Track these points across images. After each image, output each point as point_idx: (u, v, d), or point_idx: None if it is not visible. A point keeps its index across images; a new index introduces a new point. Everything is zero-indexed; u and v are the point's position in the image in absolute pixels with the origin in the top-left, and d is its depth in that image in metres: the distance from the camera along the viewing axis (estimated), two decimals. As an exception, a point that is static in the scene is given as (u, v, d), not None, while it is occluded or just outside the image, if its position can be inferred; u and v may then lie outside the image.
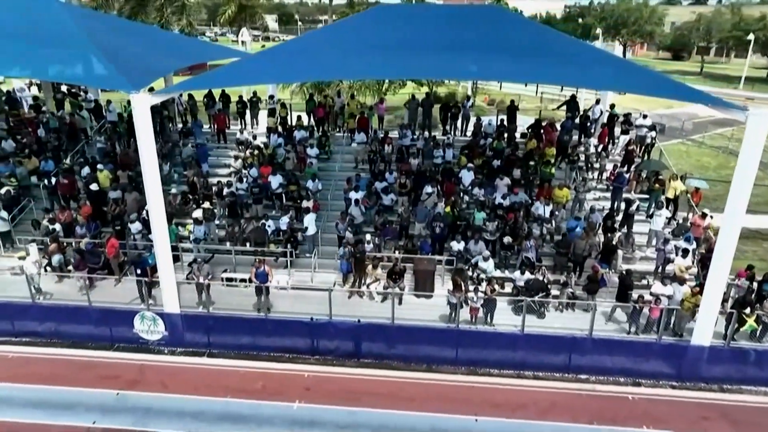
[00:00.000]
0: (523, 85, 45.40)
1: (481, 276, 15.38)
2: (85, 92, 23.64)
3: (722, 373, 13.35)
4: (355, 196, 17.40)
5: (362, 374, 13.61)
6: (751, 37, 62.12)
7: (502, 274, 16.00)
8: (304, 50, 15.79)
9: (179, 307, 14.43)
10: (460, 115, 22.15)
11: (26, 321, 14.75)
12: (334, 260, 16.43)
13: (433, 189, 17.80)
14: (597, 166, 20.00)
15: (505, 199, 17.45)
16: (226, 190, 18.22)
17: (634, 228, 17.48)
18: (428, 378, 13.52)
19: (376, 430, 11.81)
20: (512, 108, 21.74)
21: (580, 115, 21.00)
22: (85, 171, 19.05)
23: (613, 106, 20.98)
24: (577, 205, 18.20)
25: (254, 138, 21.20)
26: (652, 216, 17.08)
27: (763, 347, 13.64)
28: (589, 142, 20.50)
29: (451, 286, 14.54)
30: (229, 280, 16.21)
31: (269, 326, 14.35)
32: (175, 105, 22.84)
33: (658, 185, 18.04)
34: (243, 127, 22.56)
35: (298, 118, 22.25)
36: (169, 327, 14.38)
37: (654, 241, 16.73)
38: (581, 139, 20.71)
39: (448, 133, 21.75)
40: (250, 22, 43.96)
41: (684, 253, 15.14)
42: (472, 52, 14.31)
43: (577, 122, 20.93)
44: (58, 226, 16.85)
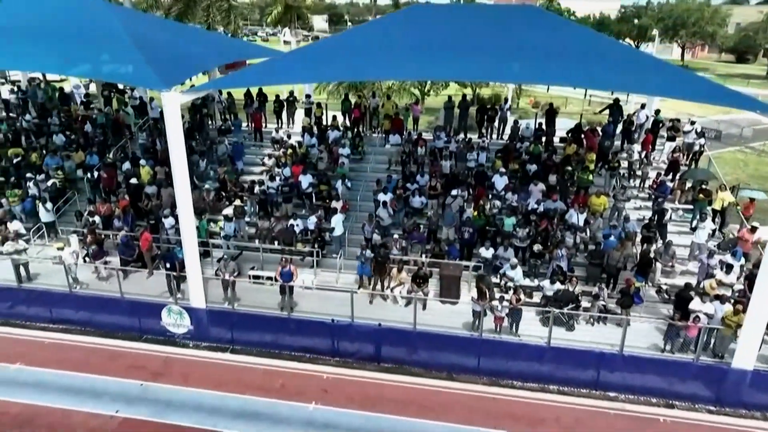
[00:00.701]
0: (572, 88, 44.10)
1: (509, 284, 14.91)
2: (131, 90, 24.49)
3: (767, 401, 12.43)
4: (383, 198, 17.25)
5: (381, 379, 13.44)
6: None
7: (531, 282, 15.49)
8: (338, 50, 15.78)
9: (205, 303, 14.68)
10: (497, 118, 21.63)
11: (63, 309, 15.37)
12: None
13: (460, 192, 17.42)
14: (639, 174, 19.09)
15: (538, 206, 16.88)
16: (258, 188, 18.45)
17: (678, 240, 16.57)
18: (448, 386, 13.21)
19: (390, 437, 11.64)
20: (551, 111, 21.07)
21: (624, 120, 20.12)
22: (126, 166, 19.72)
23: (658, 111, 19.98)
24: (615, 214, 17.41)
25: (289, 137, 21.40)
26: (696, 228, 16.11)
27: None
28: (632, 148, 19.61)
29: (475, 293, 14.16)
30: (255, 277, 16.38)
31: (292, 325, 14.39)
32: (214, 103, 23.34)
33: (703, 196, 17.02)
34: (279, 126, 22.83)
35: (334, 118, 22.31)
36: (194, 321, 14.63)
37: (696, 255, 15.78)
38: (623, 145, 19.83)
39: (484, 136, 21.28)
40: (298, 22, 44.52)
41: (728, 268, 14.20)
42: (513, 53, 13.93)
43: (620, 127, 20.08)
44: (97, 219, 17.48)
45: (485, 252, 15.84)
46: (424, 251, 16.45)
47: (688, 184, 18.14)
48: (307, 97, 23.31)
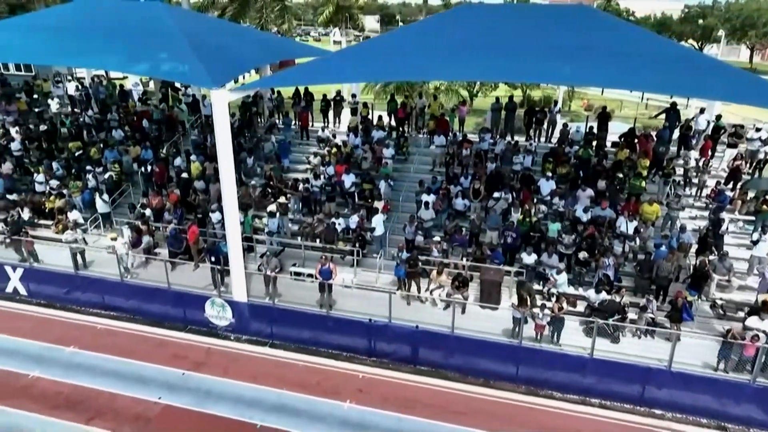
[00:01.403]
0: (628, 91, 42.46)
1: (551, 291, 14.51)
2: (185, 88, 25.34)
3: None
4: (425, 199, 17.13)
5: (416, 381, 13.37)
6: None
7: (575, 291, 15.00)
8: (385, 50, 15.78)
9: (247, 297, 15.01)
10: (546, 121, 21.09)
11: (115, 297, 16.10)
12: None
13: (504, 195, 17.07)
14: (696, 182, 18.17)
15: (586, 212, 16.34)
16: (302, 186, 18.71)
17: (736, 253, 15.68)
18: (484, 393, 13.00)
19: (423, 441, 11.56)
20: (604, 115, 20.35)
21: (681, 125, 19.20)
22: (178, 161, 20.41)
23: (719, 117, 18.96)
24: (668, 223, 16.63)
25: (334, 136, 21.58)
26: (758, 242, 15.17)
27: None
28: (688, 154, 18.70)
29: (516, 300, 13.84)
30: (297, 274, 16.59)
31: (330, 323, 14.50)
32: (263, 101, 23.83)
33: (767, 207, 16.01)
34: (325, 125, 23.08)
35: (379, 118, 22.35)
36: (236, 314, 15.00)
37: (756, 269, 14.87)
38: (680, 152, 18.93)
39: (531, 139, 20.81)
40: (349, 23, 44.85)
41: (791, 285, 13.32)
42: (565, 54, 13.52)
43: (677, 133, 19.18)
44: (149, 211, 18.18)
45: (527, 257, 15.45)
46: (465, 254, 16.22)
47: (751, 194, 17.12)
48: (353, 96, 23.45)
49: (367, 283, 16.14)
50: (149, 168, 20.15)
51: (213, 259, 15.63)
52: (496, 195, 17.12)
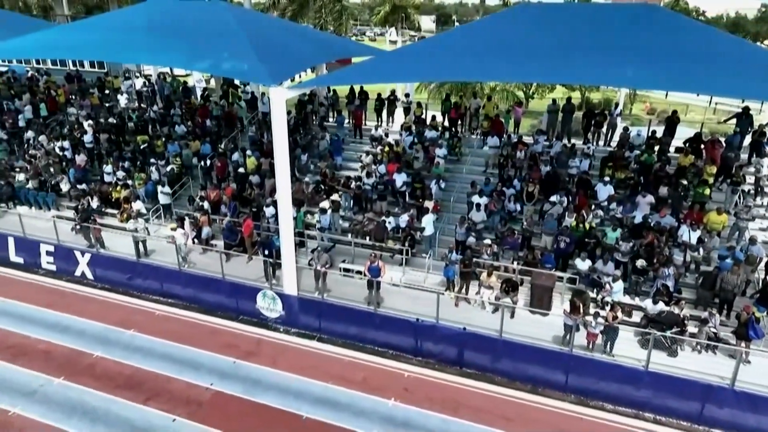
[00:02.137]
0: (694, 94, 40.44)
1: (606, 299, 14.04)
2: (244, 85, 26.12)
3: None
4: (477, 200, 16.95)
5: (462, 383, 13.26)
6: None
7: (631, 300, 14.46)
8: (440, 50, 15.69)
9: (297, 290, 15.31)
10: (606, 124, 20.42)
11: (173, 285, 16.76)
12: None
13: (560, 199, 16.64)
14: (768, 191, 17.16)
15: (645, 220, 15.70)
16: (354, 184, 18.90)
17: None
18: (532, 400, 12.74)
19: (467, 444, 11.46)
20: (672, 120, 19.47)
21: (754, 131, 18.14)
22: (235, 156, 21.06)
23: (796, 122, 17.82)
24: (736, 233, 15.75)
25: (387, 135, 21.68)
26: (836, 257, 14.17)
27: None
28: (761, 162, 17.65)
29: (568, 306, 13.48)
30: (346, 270, 16.79)
31: (377, 321, 14.56)
32: (318, 99, 24.23)
33: None
34: (378, 124, 23.22)
35: (433, 118, 22.28)
36: (286, 307, 15.32)
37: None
38: (751, 159, 17.89)
39: (589, 142, 20.19)
40: (405, 22, 44.99)
41: None
42: (628, 56, 13.03)
43: (748, 139, 18.14)
44: (207, 204, 18.85)
45: (581, 264, 15.03)
46: (516, 258, 15.94)
47: (829, 206, 16.01)
48: (407, 96, 23.48)
49: (415, 283, 16.15)
50: (208, 162, 20.89)
51: (266, 253, 16.04)
52: (553, 199, 16.72)
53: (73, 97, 27.36)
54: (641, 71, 12.79)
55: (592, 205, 16.82)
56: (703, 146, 18.18)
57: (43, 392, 12.76)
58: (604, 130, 20.68)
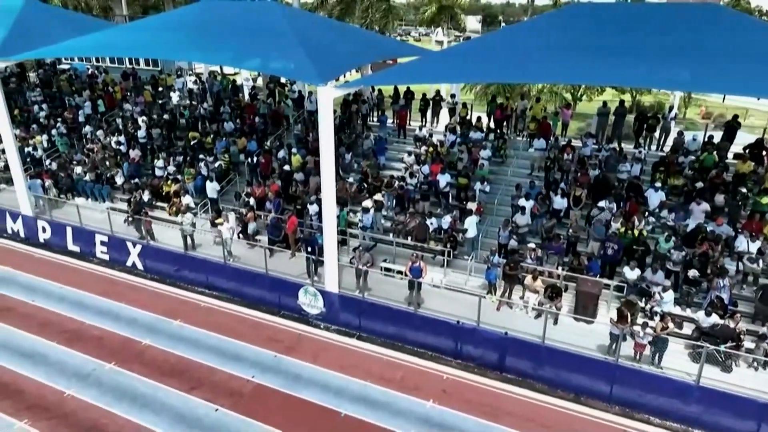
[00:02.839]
0: (755, 98, 38.52)
1: (655, 309, 13.55)
2: (291, 84, 26.54)
3: None
4: (522, 204, 16.67)
5: (502, 389, 13.06)
6: None
7: (682, 311, 13.90)
8: (486, 50, 15.46)
9: (338, 288, 15.44)
10: (659, 128, 19.71)
11: (218, 278, 17.18)
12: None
13: (608, 205, 16.16)
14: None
15: (700, 228, 15.06)
16: (396, 184, 18.91)
17: None
18: (574, 409, 12.42)
19: (506, 451, 11.29)
20: (732, 124, 18.62)
21: (821, 138, 17.17)
22: (281, 153, 21.43)
23: None
24: (799, 245, 14.93)
25: (431, 135, 21.59)
26: None
27: None
28: (828, 171, 16.65)
29: (616, 316, 13.08)
30: (387, 269, 16.83)
31: (417, 321, 14.52)
32: (362, 98, 24.36)
33: None
34: (423, 124, 23.16)
35: (478, 119, 22.05)
36: (327, 304, 15.47)
37: None
38: (818, 167, 16.93)
39: (641, 146, 19.54)
40: (451, 23, 44.66)
41: None
42: (683, 58, 12.53)
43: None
44: (252, 200, 19.25)
45: (630, 272, 14.56)
46: (560, 263, 15.59)
47: None
48: (452, 96, 23.33)
49: (456, 285, 16.03)
50: (254, 159, 21.33)
51: (309, 249, 16.25)
52: (601, 204, 16.26)
53: (129, 94, 28.48)
54: (699, 74, 12.28)
55: (645, 212, 16.24)
56: (765, 153, 17.30)
57: (95, 376, 13.33)
58: (657, 134, 19.97)
